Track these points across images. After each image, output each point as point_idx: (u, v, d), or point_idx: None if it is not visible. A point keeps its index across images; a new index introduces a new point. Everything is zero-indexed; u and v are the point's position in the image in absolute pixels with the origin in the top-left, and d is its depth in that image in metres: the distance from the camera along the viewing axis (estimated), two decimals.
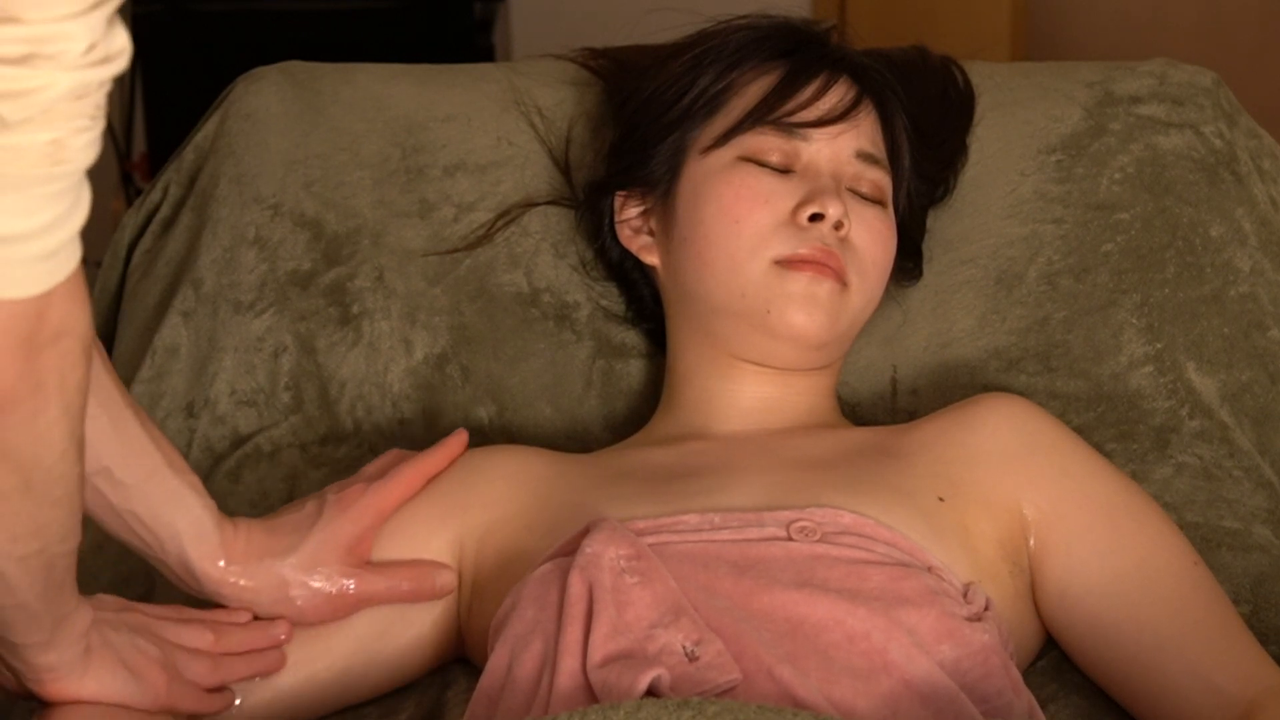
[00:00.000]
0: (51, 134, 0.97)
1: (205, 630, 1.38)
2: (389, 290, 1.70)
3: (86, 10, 0.94)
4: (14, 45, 0.93)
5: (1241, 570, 1.53)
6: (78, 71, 0.95)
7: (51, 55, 0.94)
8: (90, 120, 0.98)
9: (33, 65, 0.94)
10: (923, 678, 1.27)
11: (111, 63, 0.97)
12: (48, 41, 0.94)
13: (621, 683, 1.23)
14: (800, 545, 1.34)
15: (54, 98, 0.95)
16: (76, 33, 0.95)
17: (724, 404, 1.53)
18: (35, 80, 0.94)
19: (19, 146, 0.96)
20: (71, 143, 0.98)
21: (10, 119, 0.95)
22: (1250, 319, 1.67)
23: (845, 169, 1.53)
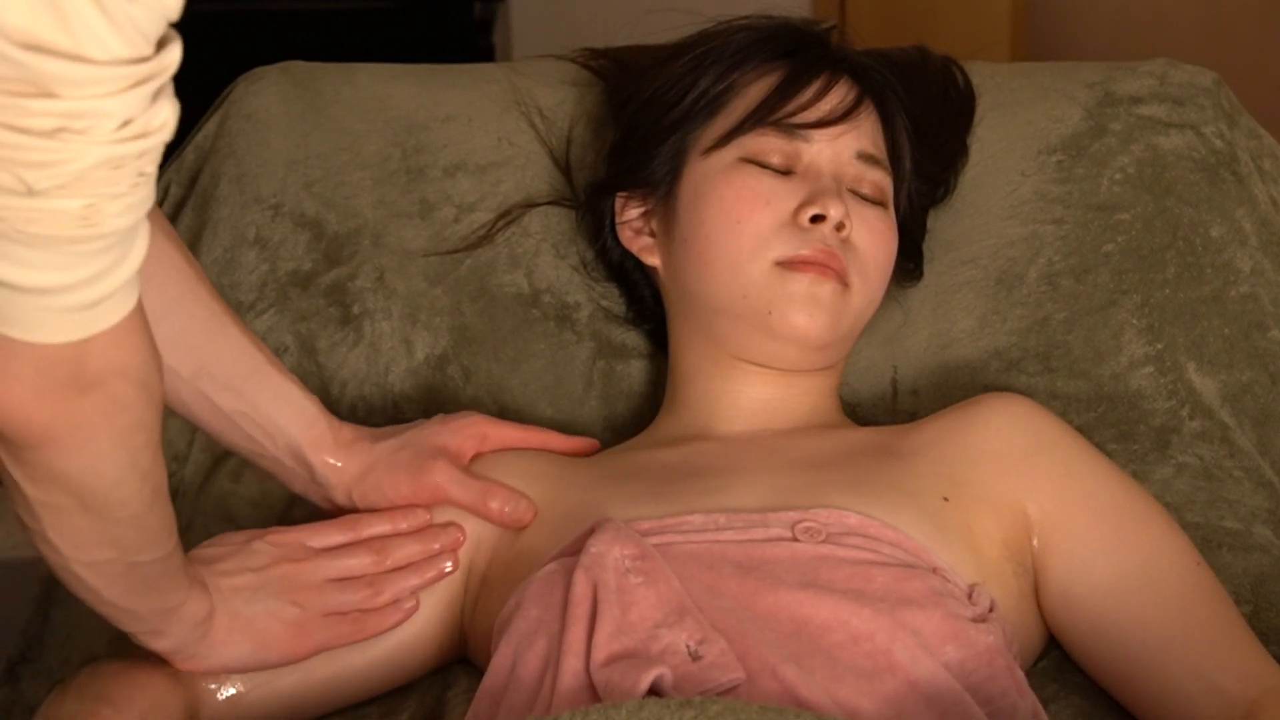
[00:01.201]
0: (84, 200, 0.96)
1: (366, 553, 1.43)
2: (390, 290, 1.70)
3: (125, 89, 0.94)
4: (45, 119, 0.93)
5: (1242, 570, 1.53)
6: (107, 146, 0.95)
7: (81, 130, 0.94)
8: (129, 188, 0.98)
9: (61, 139, 0.94)
10: (927, 679, 1.27)
11: (148, 138, 0.96)
12: (79, 117, 0.93)
13: (624, 682, 1.23)
14: (805, 546, 1.34)
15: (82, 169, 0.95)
16: (111, 110, 0.94)
17: (727, 405, 1.53)
18: (63, 153, 0.94)
19: (50, 210, 0.96)
20: (106, 208, 0.97)
21: (37, 187, 0.95)
22: (1251, 319, 1.67)
23: (846, 170, 1.53)
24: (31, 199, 0.95)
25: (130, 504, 1.16)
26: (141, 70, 0.94)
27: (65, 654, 1.57)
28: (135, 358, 1.07)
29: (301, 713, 1.44)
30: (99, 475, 1.11)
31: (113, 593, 1.23)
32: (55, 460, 1.09)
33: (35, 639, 1.58)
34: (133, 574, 1.22)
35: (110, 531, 1.17)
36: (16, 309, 1.00)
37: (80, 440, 1.08)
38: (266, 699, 1.41)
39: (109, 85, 0.93)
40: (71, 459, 1.09)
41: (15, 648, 1.58)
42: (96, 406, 1.07)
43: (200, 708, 1.39)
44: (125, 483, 1.13)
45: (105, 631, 1.58)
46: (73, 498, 1.13)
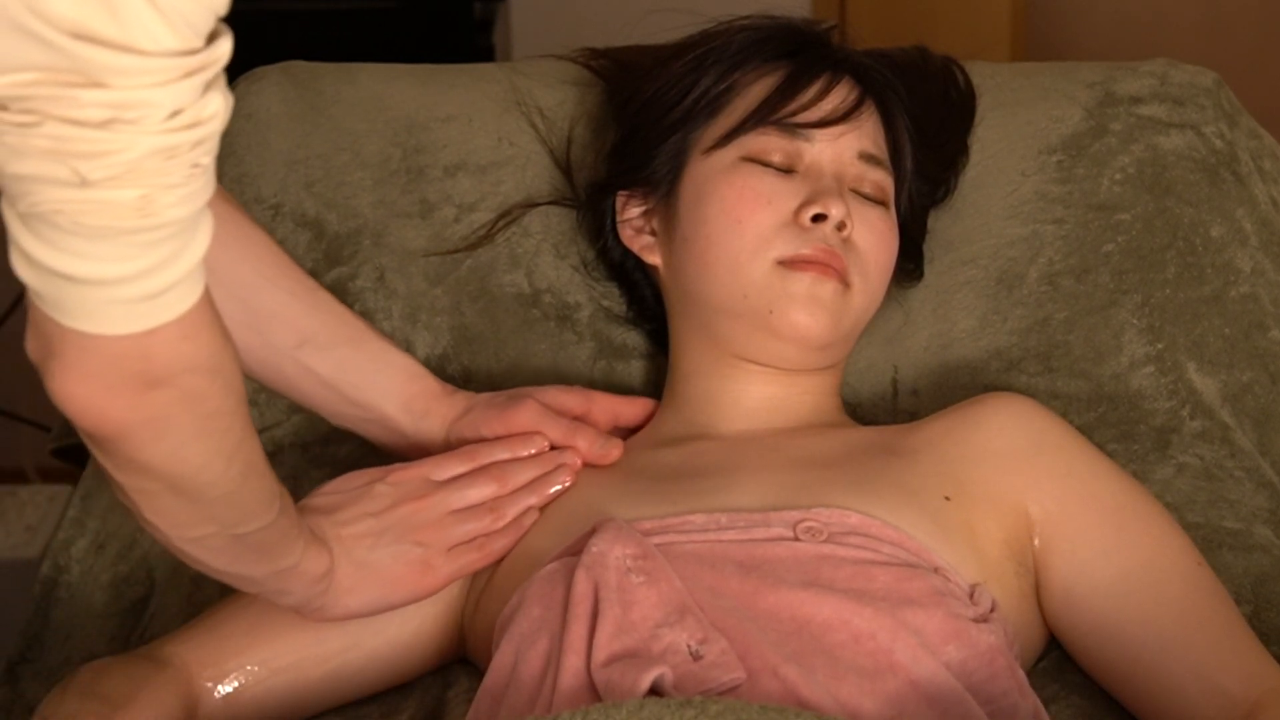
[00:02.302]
0: (139, 191, 0.97)
1: (487, 481, 1.46)
2: (390, 291, 1.70)
3: (175, 80, 0.95)
4: (96, 110, 0.94)
5: (1242, 570, 1.53)
6: (159, 136, 0.96)
7: (132, 120, 0.95)
8: (184, 178, 0.98)
9: (113, 129, 0.95)
10: (928, 678, 1.27)
11: (200, 127, 0.97)
12: (129, 107, 0.94)
13: (624, 681, 1.23)
14: (807, 545, 1.34)
15: (135, 158, 0.96)
16: (161, 100, 0.95)
17: (728, 404, 1.53)
18: (114, 143, 0.95)
19: (106, 200, 0.97)
20: (161, 198, 0.98)
21: (91, 178, 0.96)
22: (1251, 319, 1.67)
23: (848, 170, 1.53)
24: (86, 190, 0.96)
25: (219, 484, 1.17)
26: (191, 62, 0.95)
27: (65, 654, 1.57)
28: (205, 349, 1.08)
29: (298, 710, 1.44)
30: (182, 462, 1.13)
31: (221, 563, 1.26)
32: (136, 451, 1.11)
33: (35, 639, 1.58)
34: (238, 544, 1.24)
35: (206, 510, 1.19)
36: (79, 301, 1.01)
37: (157, 432, 1.09)
38: (263, 696, 1.42)
39: (158, 76, 0.94)
40: (151, 449, 1.11)
41: (15, 648, 1.58)
42: (170, 400, 1.08)
43: (198, 705, 1.39)
44: (210, 466, 1.15)
45: (105, 631, 1.58)
46: (160, 483, 1.14)
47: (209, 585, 1.57)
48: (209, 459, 1.14)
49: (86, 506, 1.65)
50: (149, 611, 1.59)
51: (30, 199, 0.97)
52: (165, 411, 1.08)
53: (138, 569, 1.62)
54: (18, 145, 0.95)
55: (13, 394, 2.91)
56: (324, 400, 1.48)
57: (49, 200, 0.97)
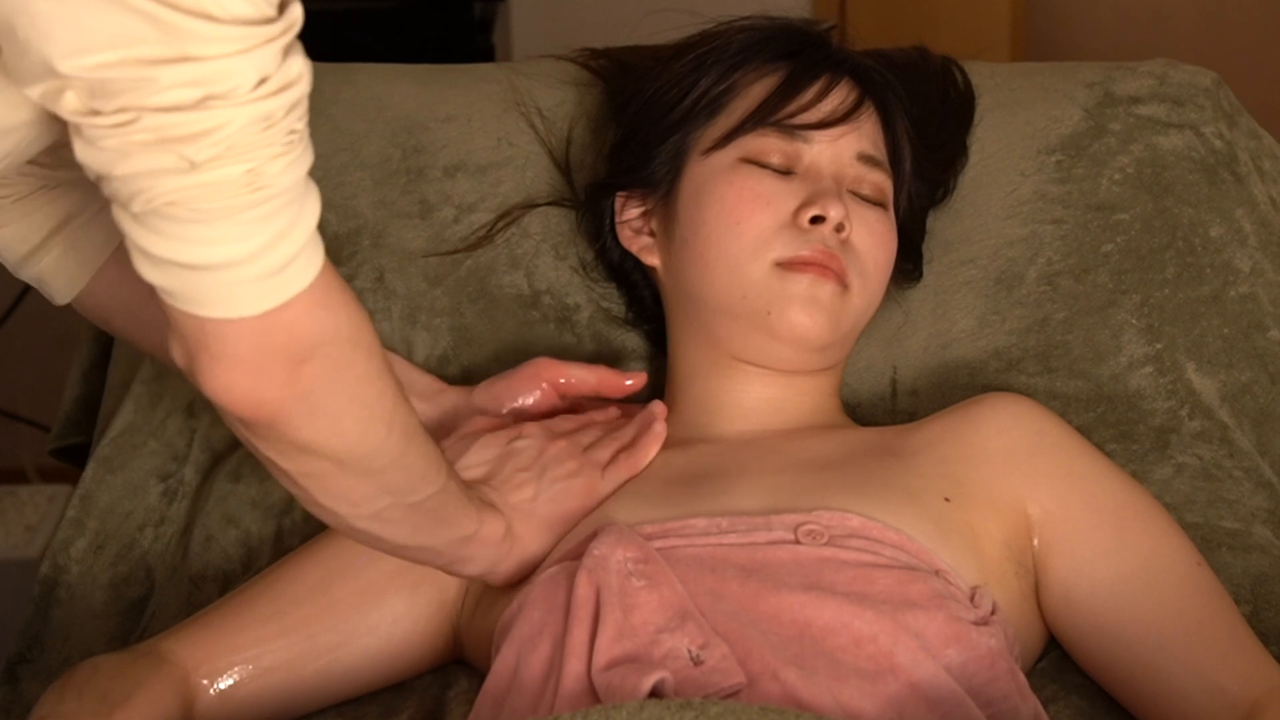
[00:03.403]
0: (246, 165, 0.99)
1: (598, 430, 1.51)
2: (389, 291, 1.70)
3: (258, 45, 0.97)
4: (186, 90, 0.96)
5: (1241, 570, 1.53)
6: (252, 105, 0.98)
7: (223, 94, 0.97)
8: (285, 145, 1.00)
9: (207, 107, 0.97)
10: (929, 681, 1.27)
11: (289, 90, 0.99)
12: (217, 80, 0.96)
13: (625, 685, 1.23)
14: (808, 548, 1.34)
15: (234, 132, 0.98)
16: (245, 69, 0.97)
17: (727, 406, 1.53)
18: (211, 120, 0.97)
19: (216, 181, 0.99)
20: (268, 169, 1.00)
21: (197, 159, 0.97)
22: (1250, 319, 1.67)
23: (847, 171, 1.53)
24: (196, 173, 0.98)
25: (385, 451, 1.19)
26: (268, 30, 0.97)
27: (65, 654, 1.57)
28: (342, 316, 1.10)
29: (295, 708, 1.44)
30: (342, 434, 1.14)
31: (401, 536, 1.28)
32: (295, 432, 1.12)
33: (35, 639, 1.59)
34: (415, 513, 1.26)
35: (376, 480, 1.20)
36: (210, 289, 1.03)
37: (312, 407, 1.11)
38: (258, 693, 1.42)
39: (237, 44, 0.96)
40: (309, 427, 1.12)
41: (15, 648, 1.58)
42: (318, 372, 1.09)
43: (195, 702, 1.39)
44: (370, 433, 1.16)
45: (104, 632, 1.58)
46: (327, 461, 1.16)
47: (208, 585, 1.58)
48: (367, 426, 1.16)
49: (85, 507, 1.65)
50: (148, 612, 1.59)
51: (143, 196, 0.99)
52: (316, 384, 1.10)
53: (137, 569, 1.62)
54: (121, 146, 0.97)
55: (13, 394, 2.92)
56: None
57: (162, 192, 0.98)
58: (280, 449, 1.15)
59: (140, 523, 1.64)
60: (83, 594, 1.62)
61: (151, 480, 1.65)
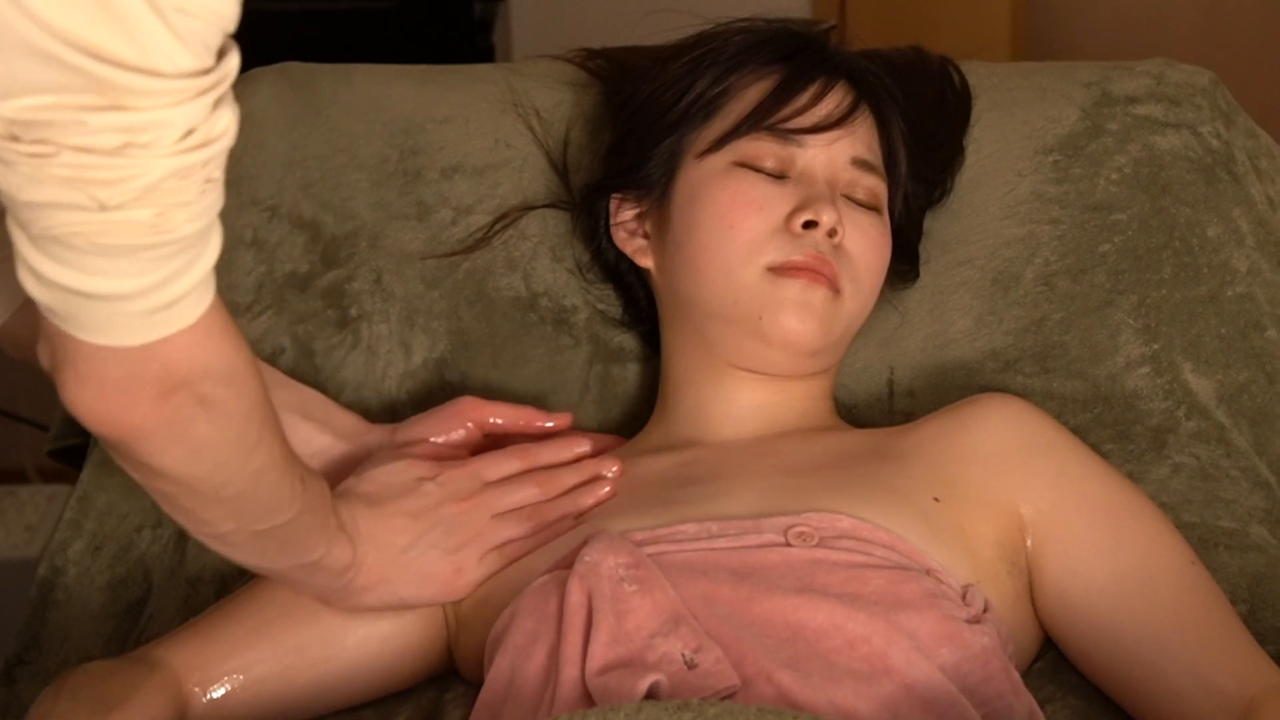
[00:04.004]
0: (154, 210, 0.98)
1: (531, 485, 1.46)
2: (387, 293, 1.70)
3: (191, 97, 0.95)
4: (110, 135, 0.94)
5: (1238, 570, 1.53)
6: (174, 158, 0.96)
7: (146, 144, 0.95)
8: (197, 195, 0.99)
9: (128, 155, 0.95)
10: (923, 681, 1.27)
11: (211, 145, 0.98)
12: (143, 130, 0.95)
13: (620, 689, 1.23)
14: (799, 551, 1.34)
15: (152, 182, 0.96)
16: (175, 120, 0.95)
17: (719, 411, 1.53)
18: (130, 169, 0.96)
19: (122, 221, 0.97)
20: (175, 215, 0.99)
21: (110, 203, 0.96)
22: (1247, 319, 1.67)
23: (840, 175, 1.53)
24: (104, 214, 0.97)
25: (234, 484, 1.18)
26: (205, 81, 0.96)
27: (62, 655, 1.57)
28: (218, 355, 1.09)
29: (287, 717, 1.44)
30: (196, 465, 1.14)
31: (243, 556, 1.27)
32: (150, 456, 1.12)
33: (32, 641, 1.59)
34: (260, 539, 1.25)
35: (225, 507, 1.20)
36: (94, 315, 1.02)
37: (173, 436, 1.10)
38: (250, 702, 1.42)
39: (174, 97, 0.95)
40: (166, 454, 1.12)
41: (12, 649, 1.58)
42: (184, 405, 1.09)
43: (188, 710, 1.40)
44: (225, 467, 1.16)
45: (102, 633, 1.58)
46: (177, 486, 1.16)
47: (205, 588, 1.58)
48: (223, 461, 1.15)
49: (83, 508, 1.65)
50: (146, 613, 1.59)
51: (44, 223, 0.98)
52: (180, 416, 1.09)
53: (134, 571, 1.62)
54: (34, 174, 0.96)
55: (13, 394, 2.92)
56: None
57: (65, 224, 0.97)
58: (133, 465, 1.14)
59: (138, 524, 1.64)
60: (80, 596, 1.62)
61: None
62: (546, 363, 1.69)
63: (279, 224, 1.71)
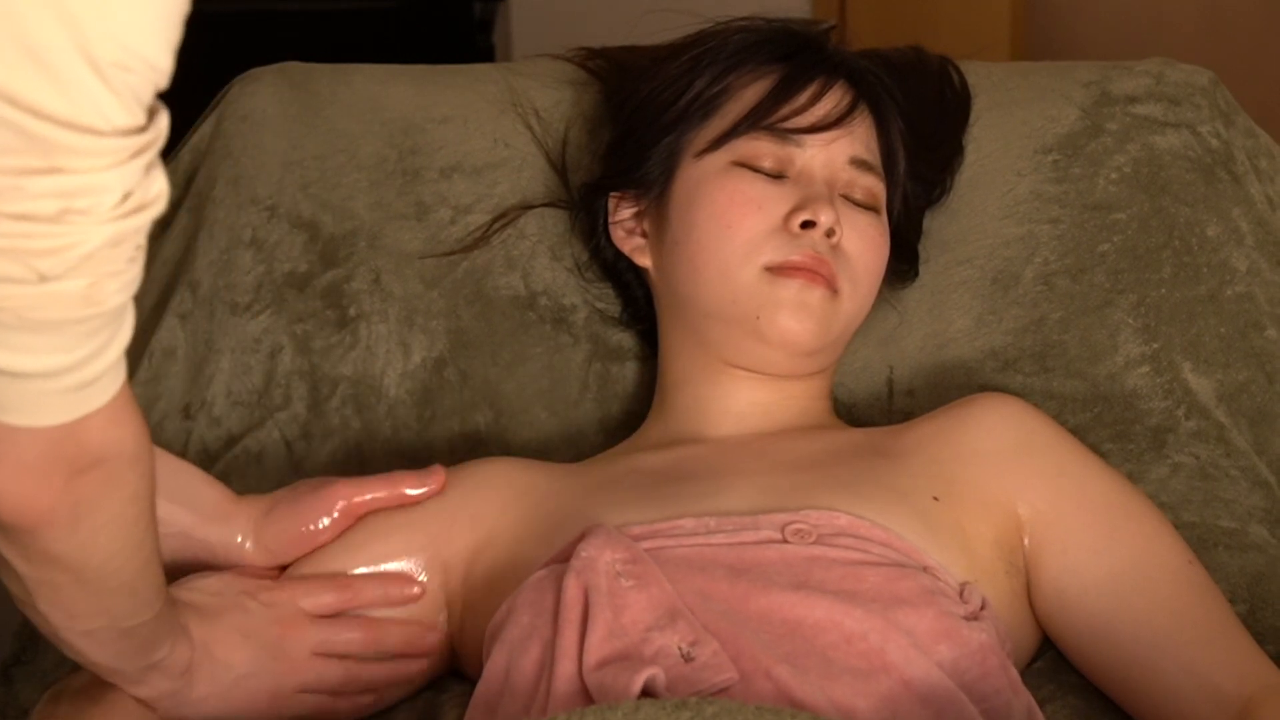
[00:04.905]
0: (88, 280, 0.96)
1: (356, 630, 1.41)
2: (386, 293, 1.70)
3: (127, 160, 0.93)
4: (48, 201, 0.92)
5: (1238, 569, 1.53)
6: (111, 224, 0.94)
7: (84, 210, 0.93)
8: (127, 264, 0.97)
9: (66, 222, 0.93)
10: (921, 678, 1.27)
11: (146, 210, 0.96)
12: (81, 195, 0.93)
13: (616, 684, 1.23)
14: (796, 548, 1.34)
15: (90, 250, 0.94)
16: (112, 184, 0.93)
17: (717, 409, 1.53)
18: (70, 236, 0.93)
19: (55, 294, 0.95)
20: (107, 285, 0.97)
21: (49, 274, 0.94)
22: (1247, 319, 1.67)
23: (839, 175, 1.53)
24: (42, 285, 0.94)
25: (123, 573, 1.15)
26: (140, 140, 0.94)
27: (60, 656, 1.55)
28: (129, 432, 1.07)
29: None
30: (95, 550, 1.11)
31: (102, 656, 1.23)
32: (53, 542, 1.08)
33: (30, 641, 1.58)
34: (123, 639, 1.22)
35: (103, 601, 1.17)
36: (16, 395, 0.99)
37: (79, 518, 1.07)
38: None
39: (110, 157, 0.92)
40: (70, 538, 1.09)
41: (10, 650, 1.58)
42: (95, 484, 1.06)
43: None
44: (120, 554, 1.13)
45: None
46: (68, 574, 1.12)
47: None
48: (119, 546, 1.12)
49: None
50: None
51: None
52: (90, 497, 1.06)
53: None
54: None
55: None
56: None
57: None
58: (27, 553, 1.10)
59: None
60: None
61: None
62: (545, 361, 1.69)
63: (278, 223, 1.71)
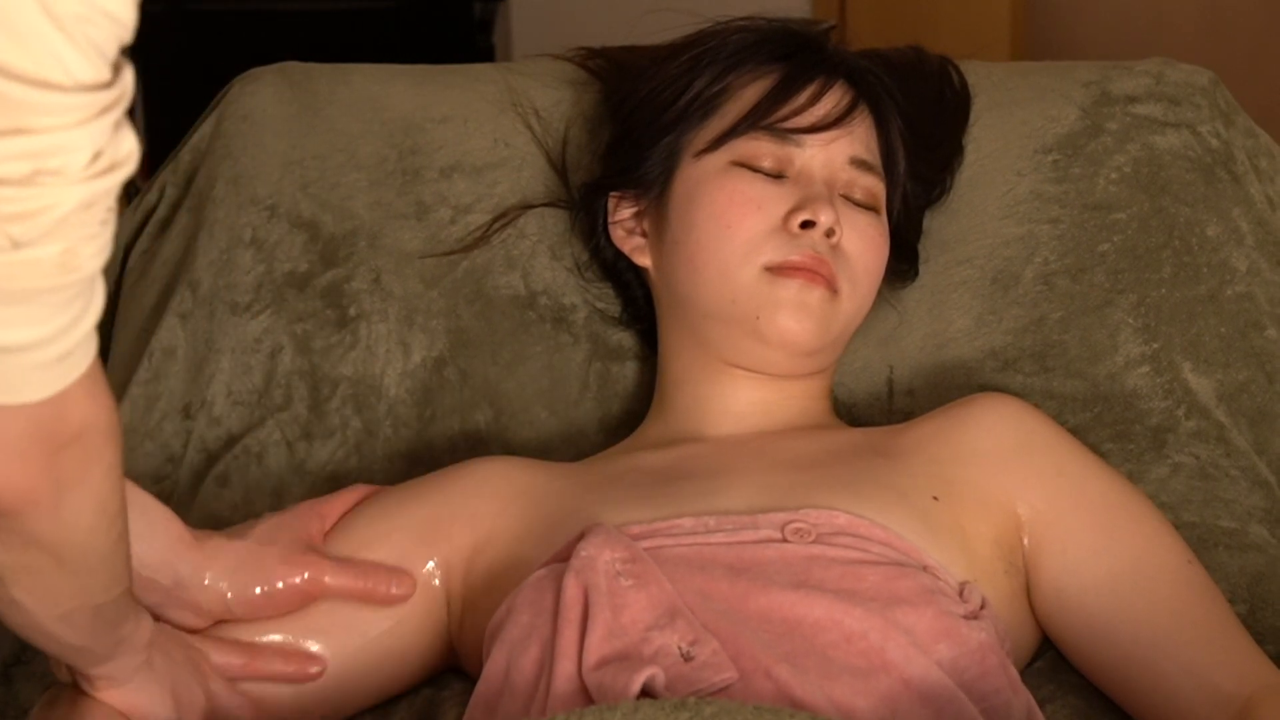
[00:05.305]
0: (63, 245, 0.94)
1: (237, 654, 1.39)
2: (386, 292, 1.70)
3: (94, 116, 0.92)
4: (18, 163, 0.91)
5: (1238, 569, 1.53)
6: (84, 184, 0.93)
7: (56, 170, 0.92)
8: (100, 226, 0.96)
9: (38, 184, 0.92)
10: (921, 677, 1.27)
11: (118, 170, 0.95)
12: (51, 154, 0.91)
13: (616, 683, 1.23)
14: (795, 547, 1.34)
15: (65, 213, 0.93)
16: (81, 142, 0.92)
17: (716, 408, 1.53)
18: (43, 199, 0.92)
19: (30, 261, 0.94)
20: (82, 250, 0.96)
21: (23, 239, 0.93)
22: (1247, 318, 1.67)
23: (839, 175, 1.53)
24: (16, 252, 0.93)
25: (101, 548, 1.14)
26: (105, 97, 0.92)
27: None
28: (103, 404, 1.05)
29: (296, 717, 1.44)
30: (76, 528, 1.09)
31: (76, 637, 1.21)
32: (35, 523, 1.07)
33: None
34: (96, 617, 1.20)
35: (82, 580, 1.15)
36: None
37: (61, 496, 1.06)
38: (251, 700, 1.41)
39: (75, 114, 0.91)
40: (52, 518, 1.07)
41: (9, 650, 1.58)
42: (75, 460, 1.05)
43: None
44: (98, 529, 1.11)
45: None
46: (49, 556, 1.10)
47: None
48: (97, 521, 1.11)
49: None
50: None
51: None
52: (68, 473, 1.05)
53: None
54: None
55: None
56: None
57: None
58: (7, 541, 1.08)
59: None
60: None
61: (147, 482, 1.64)
62: (545, 361, 1.69)
63: (278, 223, 1.71)
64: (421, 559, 1.45)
